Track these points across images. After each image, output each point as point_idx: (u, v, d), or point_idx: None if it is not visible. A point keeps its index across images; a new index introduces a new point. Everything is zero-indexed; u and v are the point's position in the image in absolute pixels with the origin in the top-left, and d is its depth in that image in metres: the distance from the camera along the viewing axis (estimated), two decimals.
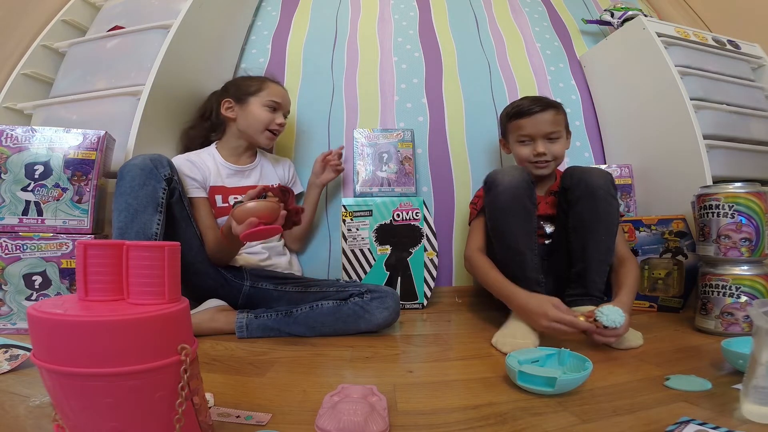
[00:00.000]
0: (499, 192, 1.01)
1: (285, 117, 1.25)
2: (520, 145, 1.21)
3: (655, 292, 1.24)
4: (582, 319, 0.84)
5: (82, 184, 0.96)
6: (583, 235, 1.03)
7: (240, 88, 1.21)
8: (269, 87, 1.21)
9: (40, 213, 0.95)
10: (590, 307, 0.90)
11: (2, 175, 0.95)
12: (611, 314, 0.81)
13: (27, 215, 0.95)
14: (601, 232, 1.00)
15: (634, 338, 0.89)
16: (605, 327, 0.82)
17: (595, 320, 0.83)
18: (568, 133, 1.24)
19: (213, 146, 1.22)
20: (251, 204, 0.84)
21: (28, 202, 0.95)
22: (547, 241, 1.19)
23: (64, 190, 0.96)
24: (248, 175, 1.21)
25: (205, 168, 1.15)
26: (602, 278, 1.01)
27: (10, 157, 0.95)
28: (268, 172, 1.26)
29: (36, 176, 0.96)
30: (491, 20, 1.80)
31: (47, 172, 0.95)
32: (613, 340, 0.85)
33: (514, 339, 0.89)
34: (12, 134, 0.96)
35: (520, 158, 1.22)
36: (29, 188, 0.95)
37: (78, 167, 0.96)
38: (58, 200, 0.95)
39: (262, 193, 0.88)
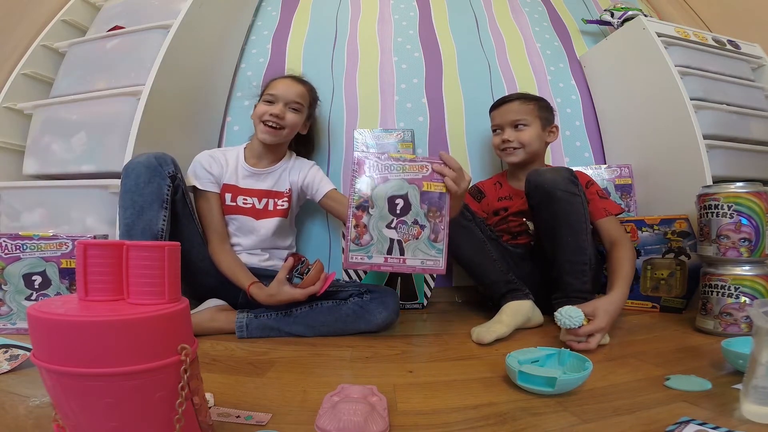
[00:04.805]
0: None
1: (293, 109, 1.16)
2: (494, 136, 1.32)
3: (657, 292, 1.24)
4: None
5: (437, 221, 0.90)
6: (551, 239, 1.04)
7: (261, 93, 1.22)
8: (270, 84, 1.21)
9: (401, 252, 0.90)
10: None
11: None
12: (563, 317, 0.84)
13: (392, 253, 0.89)
14: (566, 234, 1.01)
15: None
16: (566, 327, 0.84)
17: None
18: (547, 123, 1.27)
19: (243, 145, 1.22)
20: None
21: (392, 242, 0.90)
22: (532, 242, 1.22)
23: (423, 227, 0.90)
24: (264, 179, 1.18)
25: (224, 164, 1.15)
26: (580, 278, 1.00)
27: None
28: (283, 180, 1.20)
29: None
30: (491, 20, 1.80)
31: (407, 206, 0.90)
32: (577, 338, 0.86)
33: (488, 328, 0.95)
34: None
35: (494, 148, 1.33)
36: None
37: (433, 202, 0.90)
38: (416, 239, 0.90)
39: (297, 266, 0.98)
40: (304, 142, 1.33)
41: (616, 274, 0.99)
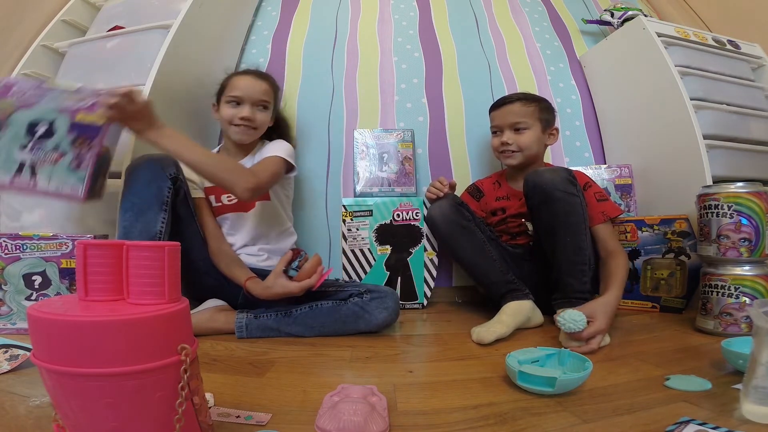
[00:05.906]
0: (437, 224, 1.18)
1: (262, 107, 1.15)
2: (493, 137, 1.31)
3: (657, 292, 1.24)
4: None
5: (84, 150, 0.89)
6: (550, 239, 1.04)
7: (219, 91, 1.19)
8: (230, 82, 1.16)
9: (33, 175, 0.88)
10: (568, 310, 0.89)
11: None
12: (567, 322, 0.84)
13: (20, 175, 0.87)
14: (565, 234, 1.01)
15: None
16: (566, 332, 0.85)
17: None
18: (547, 126, 1.25)
19: (217, 148, 1.25)
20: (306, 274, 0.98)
21: (22, 164, 0.87)
22: (531, 243, 1.22)
23: (63, 154, 0.87)
24: None
25: None
26: (579, 278, 1.00)
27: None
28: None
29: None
30: (491, 20, 1.80)
31: (49, 132, 0.88)
32: (578, 342, 0.86)
33: (488, 328, 0.95)
34: (21, 90, 0.88)
35: (493, 149, 1.32)
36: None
37: (83, 131, 0.88)
38: (54, 164, 0.87)
39: (295, 259, 0.99)
40: (270, 133, 1.25)
41: (612, 278, 1.00)
